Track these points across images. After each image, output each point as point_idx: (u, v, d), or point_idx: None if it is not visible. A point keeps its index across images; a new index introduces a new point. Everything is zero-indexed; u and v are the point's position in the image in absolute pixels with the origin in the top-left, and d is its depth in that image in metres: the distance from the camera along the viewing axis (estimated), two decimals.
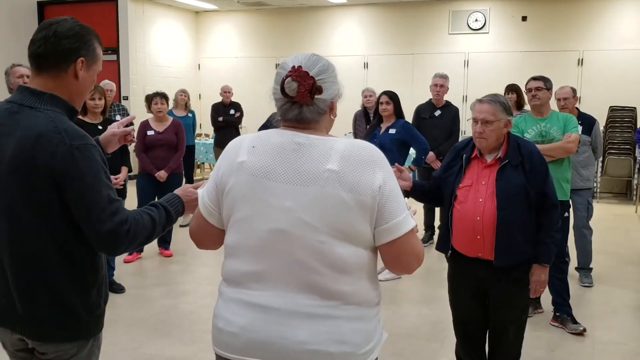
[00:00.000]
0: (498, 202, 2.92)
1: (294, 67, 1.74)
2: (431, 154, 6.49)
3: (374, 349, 1.77)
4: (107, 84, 7.05)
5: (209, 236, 1.89)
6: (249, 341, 1.72)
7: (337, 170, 1.67)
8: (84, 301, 1.95)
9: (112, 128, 2.32)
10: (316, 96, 1.73)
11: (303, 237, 1.68)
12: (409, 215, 1.74)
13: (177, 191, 2.14)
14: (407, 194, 3.00)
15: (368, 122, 7.16)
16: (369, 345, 1.75)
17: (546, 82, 4.53)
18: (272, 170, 1.72)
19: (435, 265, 6.03)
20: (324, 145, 1.72)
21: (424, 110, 6.90)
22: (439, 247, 3.31)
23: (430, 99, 6.92)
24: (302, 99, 1.73)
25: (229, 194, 1.76)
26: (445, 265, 3.38)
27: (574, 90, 5.50)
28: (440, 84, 6.78)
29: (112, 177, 5.07)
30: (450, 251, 3.19)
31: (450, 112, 6.88)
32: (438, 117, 6.79)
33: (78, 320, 1.95)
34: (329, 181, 1.67)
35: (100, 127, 5.05)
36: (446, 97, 6.98)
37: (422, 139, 5.81)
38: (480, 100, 3.09)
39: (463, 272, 3.19)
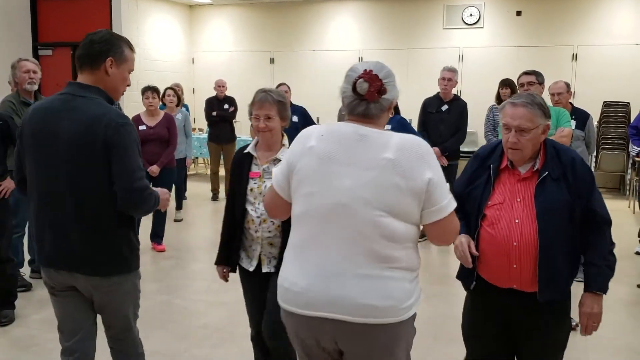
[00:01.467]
0: (539, 224, 2.40)
1: (365, 70, 2.10)
2: (436, 149, 6.43)
3: (412, 305, 2.09)
4: None
5: (280, 207, 2.27)
6: (311, 298, 2.06)
7: (393, 159, 2.02)
8: (128, 244, 2.62)
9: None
10: (382, 96, 2.10)
11: (361, 211, 2.01)
12: (452, 199, 2.10)
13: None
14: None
15: None
16: (410, 301, 2.08)
17: (538, 77, 4.54)
18: (336, 155, 2.07)
19: (428, 261, 6.04)
20: (382, 137, 2.07)
21: (430, 105, 6.78)
22: (461, 277, 2.69)
23: (438, 93, 6.82)
24: (371, 97, 2.08)
25: (298, 173, 2.12)
26: (442, 261, 3.36)
27: (567, 85, 5.51)
28: (449, 77, 6.65)
29: None
30: (474, 282, 2.60)
31: (458, 107, 6.74)
32: (445, 112, 6.67)
33: (125, 259, 2.62)
34: (386, 167, 2.01)
35: None
36: (432, 92, 6.92)
37: (416, 135, 5.80)
38: (513, 103, 2.48)
39: (489, 305, 2.60)
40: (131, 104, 10.42)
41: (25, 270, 5.37)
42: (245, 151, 3.11)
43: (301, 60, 12.25)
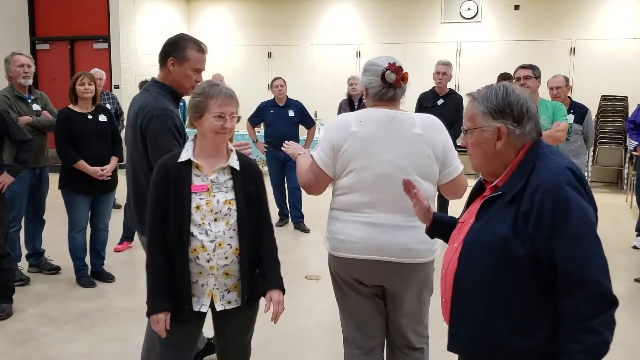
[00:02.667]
0: (460, 257, 1.89)
1: (390, 63, 2.66)
2: None
3: (437, 249, 2.70)
4: (97, 72, 7.00)
5: (321, 182, 2.71)
6: (366, 245, 2.61)
7: (421, 134, 2.61)
8: None
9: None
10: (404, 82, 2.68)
11: (400, 177, 2.37)
12: (459, 163, 2.71)
13: None
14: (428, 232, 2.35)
15: (352, 110, 7.13)
16: (436, 245, 2.68)
17: (535, 71, 4.53)
18: (375, 135, 2.59)
19: None
20: (408, 117, 2.66)
21: (426, 99, 6.76)
22: None
23: (434, 87, 6.81)
24: (397, 84, 2.65)
25: (345, 153, 2.61)
26: (440, 255, 3.35)
27: (566, 79, 5.51)
28: (443, 71, 6.62)
29: (98, 168, 5.08)
30: None
31: (454, 101, 6.70)
32: (440, 106, 6.65)
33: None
34: (417, 141, 2.60)
35: (90, 117, 5.01)
36: (429, 88, 6.90)
37: None
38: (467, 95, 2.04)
39: None
40: (129, 98, 10.40)
41: (23, 265, 5.36)
42: (181, 159, 2.48)
43: (299, 55, 12.22)
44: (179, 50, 3.06)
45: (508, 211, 1.80)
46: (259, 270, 2.62)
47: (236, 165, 2.54)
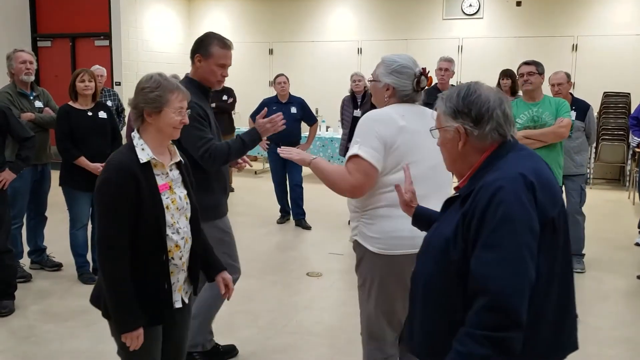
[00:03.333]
0: (418, 254, 1.94)
1: (423, 69, 2.74)
2: None
3: None
4: (98, 69, 6.99)
5: (373, 180, 2.61)
6: (419, 240, 2.22)
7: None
8: (212, 195, 3.27)
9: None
10: None
11: (443, 168, 2.20)
12: None
13: (255, 125, 3.29)
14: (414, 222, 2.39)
15: (355, 107, 7.13)
16: None
17: (538, 67, 4.51)
18: (420, 129, 2.57)
19: None
20: (429, 111, 2.75)
21: (429, 96, 6.70)
22: None
23: (436, 84, 6.80)
24: (424, 89, 2.79)
25: (399, 148, 2.60)
26: None
27: (568, 76, 5.49)
28: (446, 67, 6.59)
29: (99, 165, 5.08)
30: None
31: None
32: None
33: (208, 208, 3.09)
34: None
35: (90, 114, 5.01)
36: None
37: None
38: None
39: None
40: (130, 95, 10.38)
41: (25, 262, 5.37)
42: (143, 160, 2.34)
43: (300, 51, 12.21)
44: (203, 47, 3.30)
45: (457, 213, 1.77)
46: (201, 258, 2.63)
47: (182, 159, 2.55)
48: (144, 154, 2.34)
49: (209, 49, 3.29)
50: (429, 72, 2.75)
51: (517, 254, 1.62)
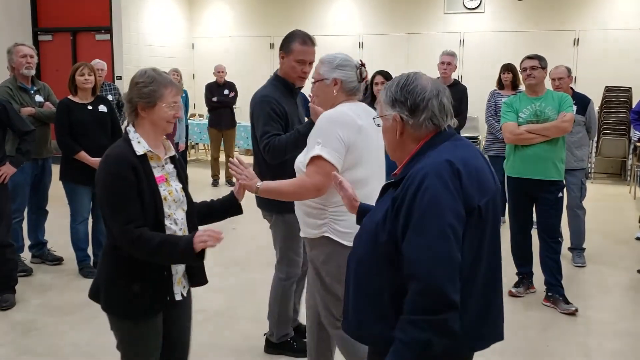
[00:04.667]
0: (354, 238, 1.98)
1: (360, 60, 2.89)
2: None
3: None
4: (98, 63, 6.98)
5: (332, 179, 2.57)
6: None
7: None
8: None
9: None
10: None
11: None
12: None
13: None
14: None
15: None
16: None
17: (541, 61, 4.49)
18: (372, 126, 2.51)
19: None
20: (368, 108, 2.87)
21: None
22: None
23: (438, 78, 6.79)
24: (365, 79, 2.90)
25: (357, 148, 2.67)
26: None
27: (568, 70, 5.48)
28: (448, 61, 6.59)
29: (99, 159, 5.06)
30: None
31: (458, 92, 6.68)
32: None
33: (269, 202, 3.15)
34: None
35: (90, 107, 5.00)
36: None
37: None
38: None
39: None
40: None
41: (26, 255, 5.37)
42: (139, 152, 2.35)
43: None
44: (286, 44, 3.42)
45: (389, 198, 1.82)
46: (211, 205, 2.68)
47: (176, 154, 2.57)
48: (140, 147, 2.36)
49: (290, 45, 3.40)
50: (365, 64, 2.88)
51: (443, 237, 1.65)
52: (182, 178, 2.55)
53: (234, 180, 2.77)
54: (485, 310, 1.83)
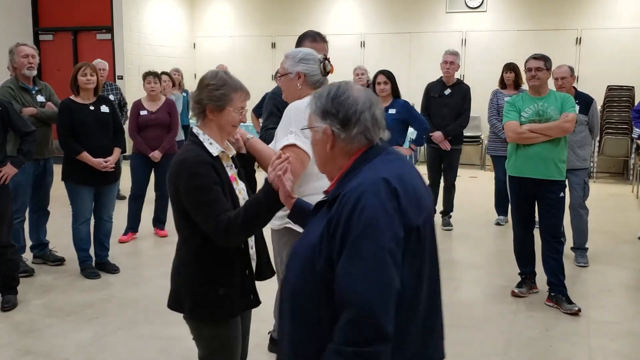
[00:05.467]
0: (287, 262, 1.85)
1: (324, 55, 2.98)
2: (439, 133, 6.51)
3: None
4: (100, 62, 6.98)
5: (305, 167, 2.68)
6: None
7: None
8: None
9: None
10: None
11: None
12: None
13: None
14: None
15: None
16: None
17: (546, 62, 4.47)
18: None
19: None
20: None
21: (433, 89, 6.76)
22: None
23: (441, 77, 6.79)
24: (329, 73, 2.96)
25: None
26: (441, 247, 3.35)
27: (571, 70, 5.45)
28: (451, 61, 6.61)
29: (101, 160, 5.05)
30: None
31: (461, 91, 6.73)
32: (448, 96, 6.66)
33: None
34: None
35: (91, 108, 4.99)
36: (434, 77, 6.88)
37: (422, 119, 5.76)
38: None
39: None
40: (133, 89, 10.38)
41: (27, 256, 5.37)
42: (215, 153, 2.38)
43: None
44: (298, 46, 3.49)
45: (324, 218, 1.68)
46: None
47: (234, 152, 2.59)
48: (213, 148, 2.36)
49: (302, 44, 3.50)
50: (329, 58, 2.98)
51: (380, 263, 1.54)
52: (243, 176, 2.57)
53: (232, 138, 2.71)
54: (428, 334, 1.74)
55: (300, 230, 2.55)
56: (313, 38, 3.54)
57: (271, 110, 3.39)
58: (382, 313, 1.51)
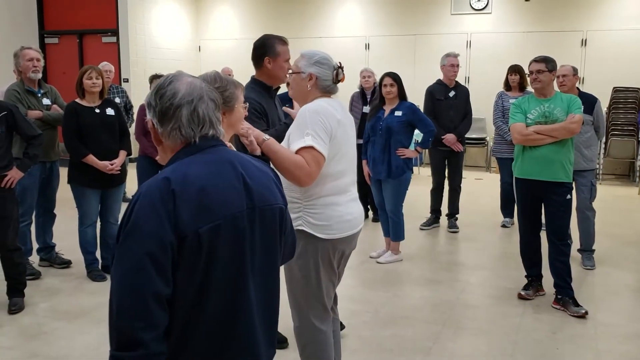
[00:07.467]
0: None
1: (339, 63, 2.97)
2: (451, 136, 6.54)
3: None
4: (105, 65, 6.99)
5: (320, 170, 2.71)
6: (360, 221, 2.97)
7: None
8: None
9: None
10: None
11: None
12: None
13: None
14: None
15: (365, 103, 7.10)
16: None
17: (548, 64, 4.46)
18: (347, 123, 2.90)
19: (437, 247, 6.01)
20: (342, 104, 2.97)
21: (437, 92, 6.77)
22: None
23: (440, 80, 6.80)
24: (339, 82, 2.96)
25: (337, 139, 2.78)
26: (448, 248, 3.36)
27: (574, 69, 5.44)
28: (457, 64, 6.70)
29: (107, 162, 5.04)
30: None
31: (464, 92, 6.81)
32: (453, 98, 6.69)
33: None
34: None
35: (97, 111, 5.00)
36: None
37: (428, 121, 5.76)
38: None
39: None
40: (139, 92, 10.41)
41: (34, 259, 5.38)
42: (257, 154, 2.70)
43: (307, 48, 12.07)
44: (270, 49, 3.50)
45: None
46: None
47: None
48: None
49: (275, 49, 3.50)
50: (343, 67, 2.97)
51: (137, 267, 1.48)
52: None
53: (242, 139, 2.69)
54: (228, 334, 1.64)
55: (314, 232, 2.85)
56: (282, 41, 3.56)
57: (249, 116, 3.34)
58: (134, 320, 1.47)
